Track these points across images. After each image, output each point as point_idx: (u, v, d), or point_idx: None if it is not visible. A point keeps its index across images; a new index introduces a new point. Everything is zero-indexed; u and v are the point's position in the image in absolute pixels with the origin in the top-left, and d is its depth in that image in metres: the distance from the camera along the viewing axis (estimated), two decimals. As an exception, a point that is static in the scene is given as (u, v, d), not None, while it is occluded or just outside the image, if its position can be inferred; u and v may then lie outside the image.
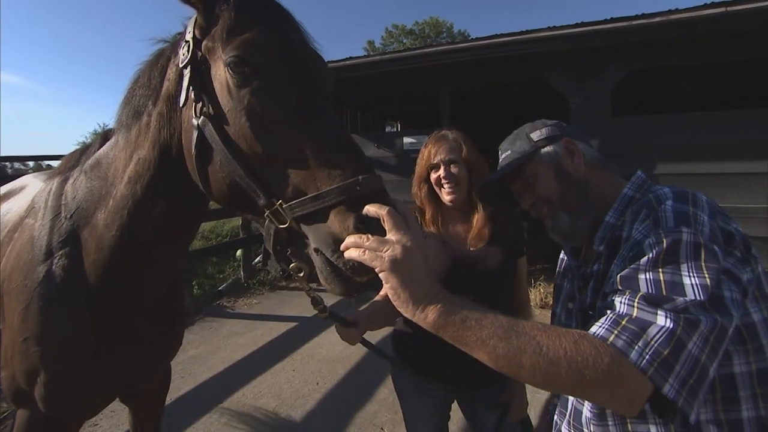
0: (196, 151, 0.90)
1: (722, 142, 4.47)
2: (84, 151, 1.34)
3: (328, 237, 0.74)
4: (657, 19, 4.42)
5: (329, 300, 1.06)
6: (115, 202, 1.11)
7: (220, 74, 0.88)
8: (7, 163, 7.55)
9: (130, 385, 1.38)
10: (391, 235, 0.69)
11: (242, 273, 6.44)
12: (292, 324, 4.81)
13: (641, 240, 0.76)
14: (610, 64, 4.92)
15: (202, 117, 0.87)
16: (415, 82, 6.21)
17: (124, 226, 1.09)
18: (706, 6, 4.31)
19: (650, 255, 0.73)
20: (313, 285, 0.89)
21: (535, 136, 1.03)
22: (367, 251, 0.68)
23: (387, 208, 0.71)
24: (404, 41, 36.27)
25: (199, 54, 0.92)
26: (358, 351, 3.96)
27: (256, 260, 6.95)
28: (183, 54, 0.94)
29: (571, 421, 0.88)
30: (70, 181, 1.25)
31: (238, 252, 6.82)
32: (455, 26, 38.33)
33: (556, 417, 0.96)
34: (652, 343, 0.65)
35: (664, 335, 0.65)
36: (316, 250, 0.77)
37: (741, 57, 4.62)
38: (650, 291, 0.70)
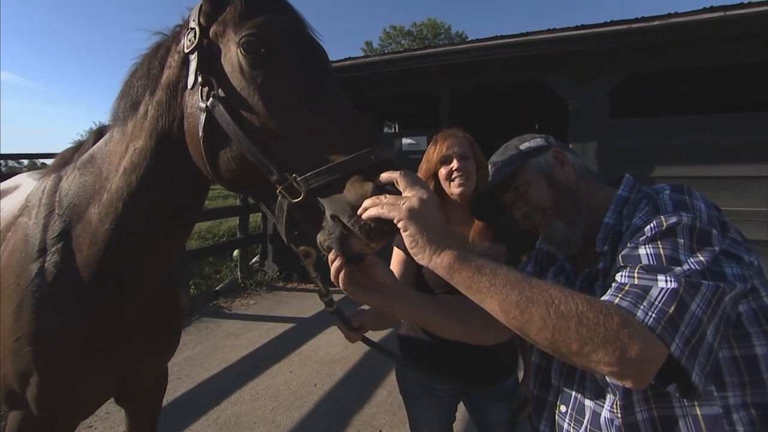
0: (204, 134, 0.90)
1: (720, 145, 4.49)
2: (77, 148, 1.33)
3: (345, 205, 0.77)
4: (656, 22, 4.44)
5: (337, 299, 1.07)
6: (110, 195, 1.10)
7: (232, 56, 0.90)
8: (1, 162, 7.50)
9: (124, 385, 1.36)
10: (406, 193, 0.73)
11: (239, 273, 6.42)
12: (290, 325, 4.79)
13: (642, 225, 0.79)
14: (609, 67, 4.93)
15: (210, 99, 0.89)
16: (414, 84, 6.21)
17: (119, 219, 1.08)
18: (705, 10, 4.33)
19: (650, 235, 0.76)
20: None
21: (525, 147, 1.07)
22: (385, 206, 0.72)
23: (400, 171, 0.76)
24: (402, 42, 36.36)
25: (206, 40, 0.94)
26: (357, 352, 3.94)
27: (253, 260, 6.93)
28: (189, 40, 0.96)
29: (589, 427, 0.86)
30: (64, 178, 1.24)
31: (235, 252, 6.80)
32: (453, 28, 38.55)
33: (566, 426, 0.93)
34: (656, 302, 0.66)
35: (666, 294, 0.66)
36: (333, 217, 0.79)
37: (739, 61, 4.65)
38: (650, 263, 0.72)
